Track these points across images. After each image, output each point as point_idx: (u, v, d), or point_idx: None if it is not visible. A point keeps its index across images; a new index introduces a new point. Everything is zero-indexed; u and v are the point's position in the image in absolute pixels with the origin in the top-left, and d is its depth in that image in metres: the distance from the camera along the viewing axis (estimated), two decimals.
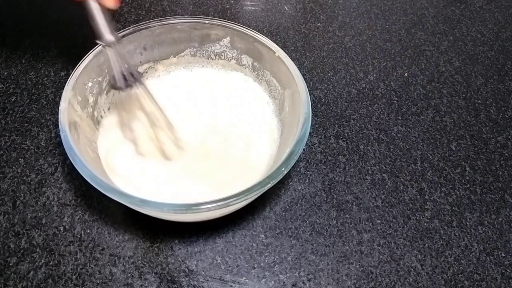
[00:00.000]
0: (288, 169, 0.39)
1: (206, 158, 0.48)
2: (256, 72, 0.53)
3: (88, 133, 0.45)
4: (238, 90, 0.54)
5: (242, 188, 0.38)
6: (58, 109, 0.41)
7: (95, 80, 0.47)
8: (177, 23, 0.51)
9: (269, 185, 0.38)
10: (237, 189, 0.38)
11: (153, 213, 0.41)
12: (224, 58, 0.54)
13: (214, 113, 0.52)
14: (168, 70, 0.55)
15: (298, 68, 0.48)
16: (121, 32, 0.47)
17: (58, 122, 0.53)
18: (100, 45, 0.43)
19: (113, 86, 0.45)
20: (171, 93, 0.53)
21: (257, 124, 0.51)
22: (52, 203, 0.47)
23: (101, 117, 0.49)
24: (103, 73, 0.48)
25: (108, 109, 0.50)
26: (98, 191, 0.37)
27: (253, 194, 0.38)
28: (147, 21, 0.50)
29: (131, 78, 0.44)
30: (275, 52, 0.49)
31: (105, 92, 0.49)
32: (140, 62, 0.52)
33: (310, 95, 0.45)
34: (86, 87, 0.46)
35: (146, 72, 0.53)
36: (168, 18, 0.51)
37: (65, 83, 0.44)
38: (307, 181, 0.51)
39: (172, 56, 0.54)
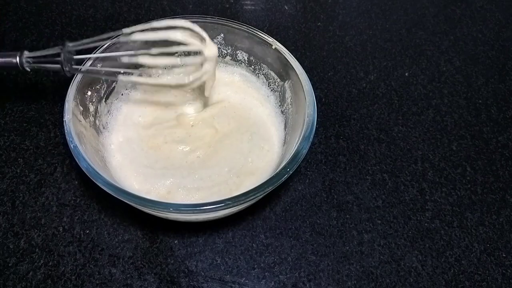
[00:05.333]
0: (294, 169, 0.39)
1: (211, 159, 0.48)
2: (253, 67, 0.53)
3: (93, 142, 0.45)
4: (235, 87, 0.54)
5: (248, 188, 0.38)
6: (63, 121, 0.41)
7: (93, 88, 0.47)
8: None
9: (276, 185, 0.38)
10: (242, 189, 0.38)
11: (160, 214, 0.40)
12: (219, 55, 0.54)
13: (214, 112, 0.52)
14: (161, 72, 0.54)
15: None
16: (111, 40, 0.46)
17: (57, 122, 0.53)
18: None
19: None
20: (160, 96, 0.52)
21: (258, 118, 0.51)
22: (51, 203, 0.47)
23: (103, 126, 0.48)
24: (101, 80, 0.48)
25: (109, 112, 0.50)
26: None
27: (259, 194, 0.38)
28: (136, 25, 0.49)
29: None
30: (271, 45, 0.49)
31: (104, 99, 0.49)
32: (135, 67, 0.51)
33: None
34: (86, 96, 0.46)
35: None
36: (158, 20, 0.50)
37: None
38: (307, 181, 0.51)
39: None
